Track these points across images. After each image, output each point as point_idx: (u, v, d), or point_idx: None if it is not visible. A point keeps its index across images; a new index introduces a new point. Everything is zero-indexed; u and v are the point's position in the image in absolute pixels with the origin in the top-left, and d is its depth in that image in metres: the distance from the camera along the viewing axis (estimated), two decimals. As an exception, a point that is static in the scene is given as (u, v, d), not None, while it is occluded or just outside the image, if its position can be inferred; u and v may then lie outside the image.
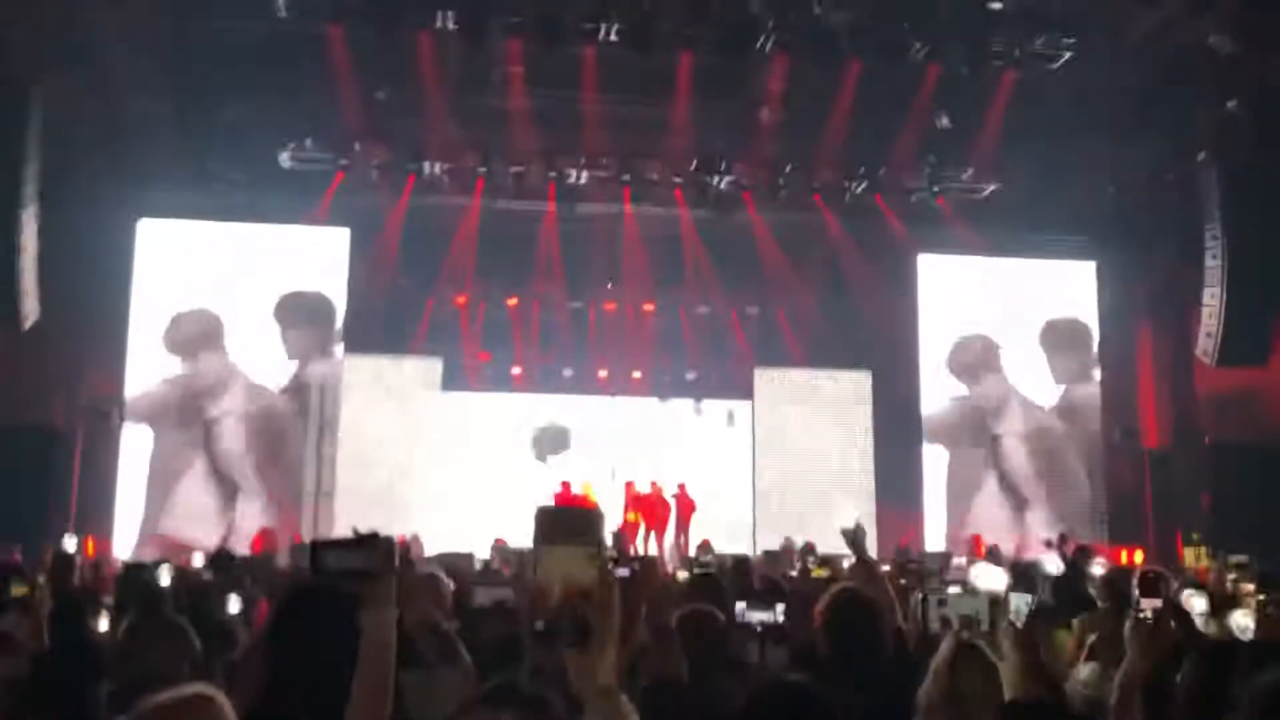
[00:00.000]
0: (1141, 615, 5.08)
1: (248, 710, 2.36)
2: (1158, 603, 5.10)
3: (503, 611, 3.81)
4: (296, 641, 2.43)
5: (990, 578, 5.52)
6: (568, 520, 1.54)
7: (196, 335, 16.26)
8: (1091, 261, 17.99)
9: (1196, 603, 5.20)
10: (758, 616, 4.29)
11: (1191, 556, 15.56)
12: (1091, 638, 4.61)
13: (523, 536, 15.13)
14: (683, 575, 7.38)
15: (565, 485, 16.96)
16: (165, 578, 7.69)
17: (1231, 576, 8.28)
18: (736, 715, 2.25)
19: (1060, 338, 18.01)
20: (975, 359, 17.89)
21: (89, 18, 12.96)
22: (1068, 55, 14.56)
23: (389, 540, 2.14)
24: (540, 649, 1.51)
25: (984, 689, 2.87)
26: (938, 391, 17.79)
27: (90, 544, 14.14)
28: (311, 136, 15.71)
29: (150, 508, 15.71)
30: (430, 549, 14.19)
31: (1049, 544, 14.20)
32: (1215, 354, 14.95)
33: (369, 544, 2.10)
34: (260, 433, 16.24)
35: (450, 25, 13.59)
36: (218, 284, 16.34)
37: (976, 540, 16.29)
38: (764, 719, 2.24)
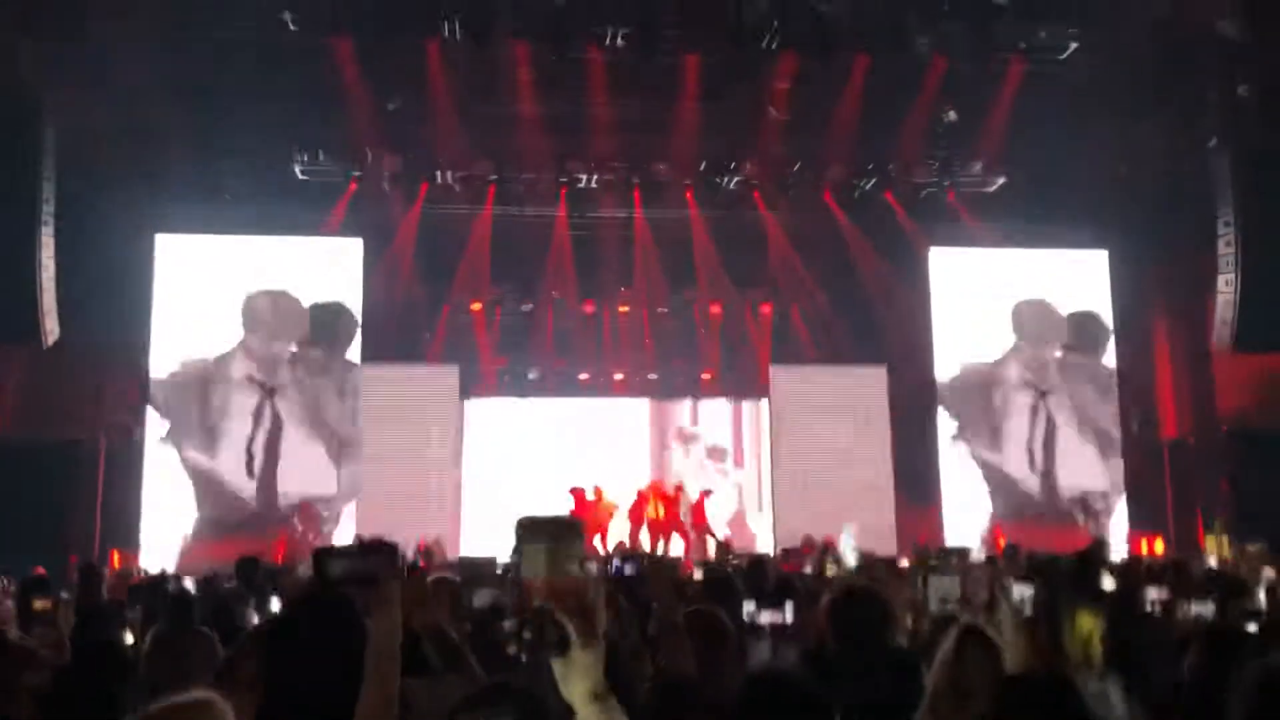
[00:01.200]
0: (1150, 607, 5.09)
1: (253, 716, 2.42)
2: (1165, 594, 5.12)
3: (499, 613, 3.84)
4: (301, 649, 2.47)
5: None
6: (547, 526, 1.56)
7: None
8: (1104, 250, 17.91)
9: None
10: (767, 617, 4.27)
11: (1212, 544, 15.51)
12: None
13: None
14: (699, 575, 7.41)
15: (578, 493, 16.99)
16: (190, 588, 7.81)
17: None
18: (730, 706, 2.29)
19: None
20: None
21: (100, 34, 13.08)
22: (1075, 45, 14.52)
23: (393, 547, 2.19)
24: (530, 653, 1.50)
25: (990, 672, 2.89)
26: (955, 383, 17.71)
27: (116, 557, 14.34)
28: (323, 148, 15.84)
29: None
30: (452, 553, 14.32)
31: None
32: (1231, 340, 14.90)
33: (373, 551, 2.15)
34: (279, 439, 16.35)
35: (457, 34, 13.67)
36: (235, 298, 16.45)
37: (996, 533, 16.26)
38: (755, 709, 2.28)
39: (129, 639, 6.30)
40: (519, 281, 18.00)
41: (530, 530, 1.55)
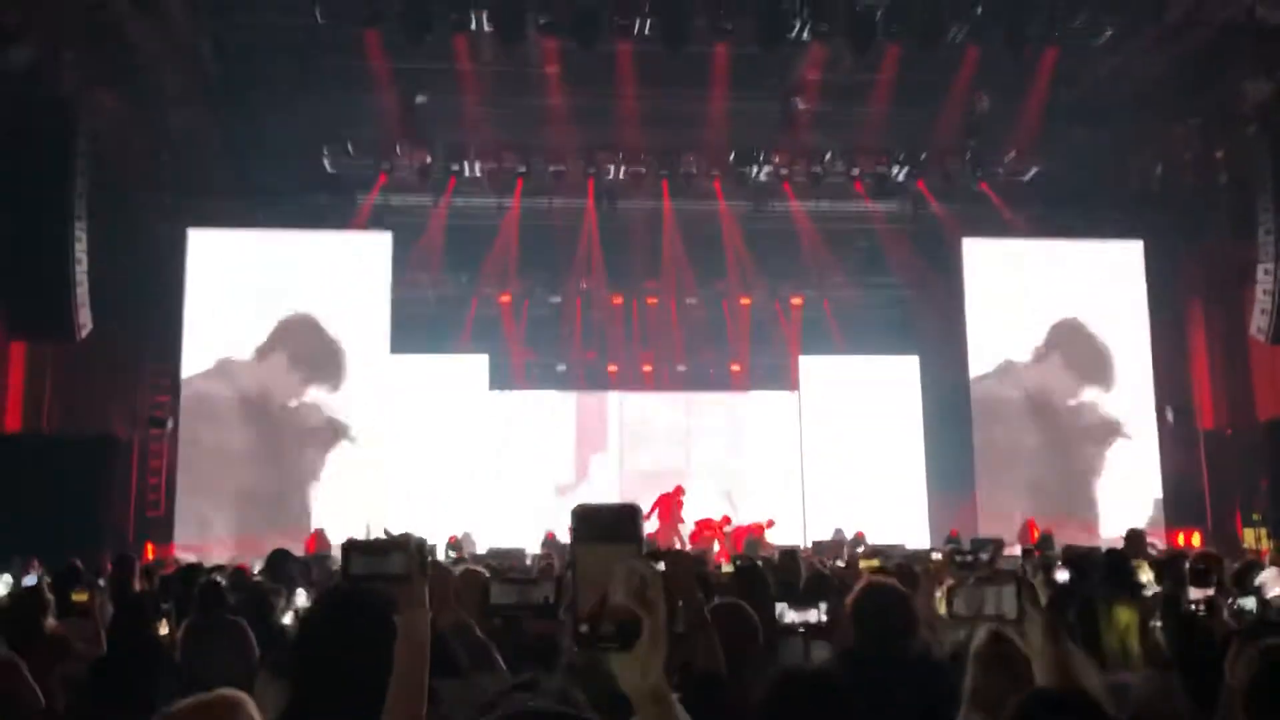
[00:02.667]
0: (1194, 605, 4.99)
1: (279, 714, 2.41)
2: (1209, 591, 5.01)
3: (526, 611, 3.77)
4: (329, 645, 2.46)
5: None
6: (605, 519, 1.51)
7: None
8: (1139, 241, 17.66)
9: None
10: (798, 616, 4.20)
11: (1252, 537, 15.31)
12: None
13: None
14: (728, 569, 7.38)
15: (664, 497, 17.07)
16: (222, 579, 7.85)
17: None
18: (758, 706, 2.25)
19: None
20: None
21: (130, 31, 13.17)
22: (1110, 32, 14.32)
23: (420, 541, 2.16)
24: (582, 651, 1.46)
25: (1015, 682, 2.85)
26: (989, 374, 17.52)
27: (150, 549, 14.50)
28: (352, 141, 15.89)
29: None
30: (481, 546, 14.38)
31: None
32: (1271, 331, 14.66)
33: (398, 546, 2.12)
34: (311, 433, 16.44)
35: (485, 26, 13.66)
36: (266, 291, 16.53)
37: (1030, 526, 16.12)
38: (782, 708, 2.25)
39: (164, 629, 6.36)
40: (547, 273, 18.04)
41: (586, 521, 1.51)
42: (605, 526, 1.51)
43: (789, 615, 4.14)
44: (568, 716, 1.12)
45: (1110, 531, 15.37)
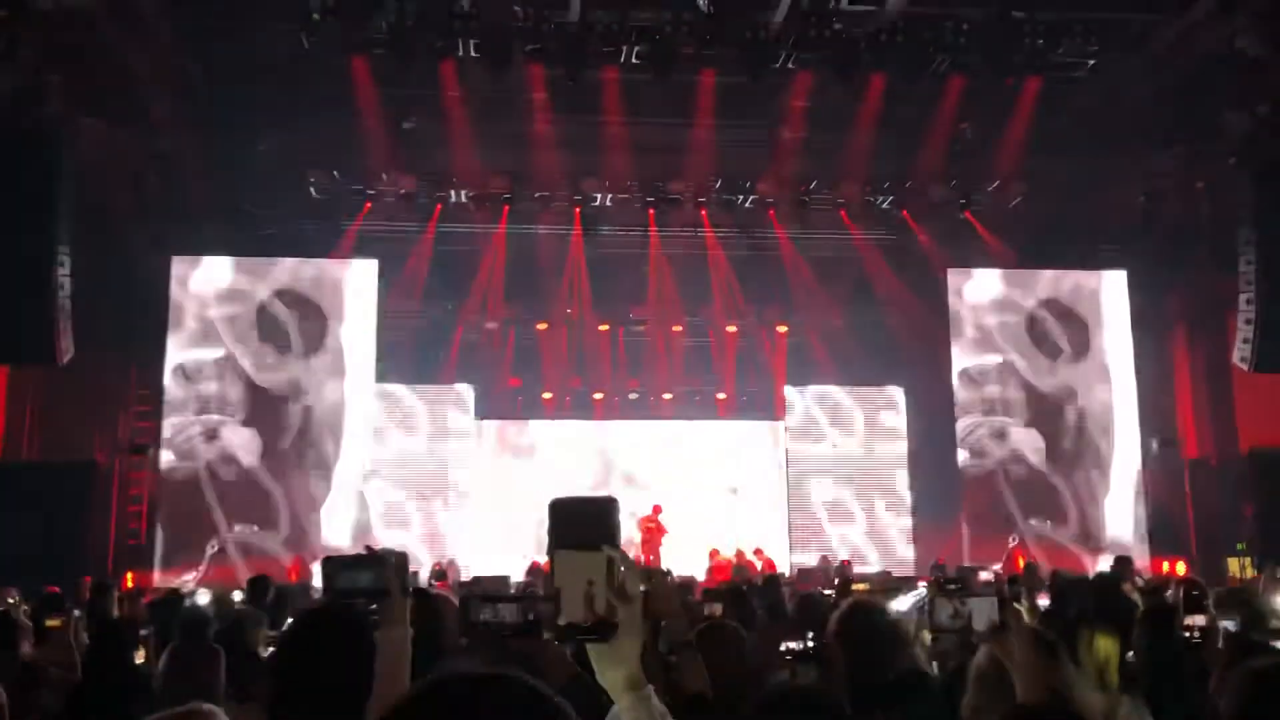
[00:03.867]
0: (1187, 633, 4.97)
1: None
2: (1201, 619, 5.00)
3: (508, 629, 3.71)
4: (307, 662, 2.42)
5: None
6: (583, 513, 1.51)
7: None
8: (1122, 271, 17.75)
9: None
10: (786, 644, 4.17)
11: (1236, 566, 15.33)
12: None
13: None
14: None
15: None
16: (203, 605, 7.78)
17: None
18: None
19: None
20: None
21: (117, 56, 13.16)
22: (1092, 63, 14.46)
23: (402, 557, 2.14)
24: (562, 642, 1.47)
25: (1000, 700, 2.83)
26: (974, 403, 17.53)
27: (129, 577, 14.34)
28: (338, 168, 15.89)
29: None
30: (466, 574, 14.28)
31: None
32: (1253, 360, 14.73)
33: (379, 562, 2.10)
34: (296, 460, 16.32)
35: (472, 53, 13.71)
36: (249, 320, 16.43)
37: (1016, 555, 16.11)
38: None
39: (140, 657, 6.28)
40: (533, 301, 18.03)
41: (564, 515, 1.50)
42: (583, 519, 1.51)
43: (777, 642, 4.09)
44: (502, 678, 1.09)
45: (1097, 560, 15.37)
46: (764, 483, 18.71)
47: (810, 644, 4.19)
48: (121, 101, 14.02)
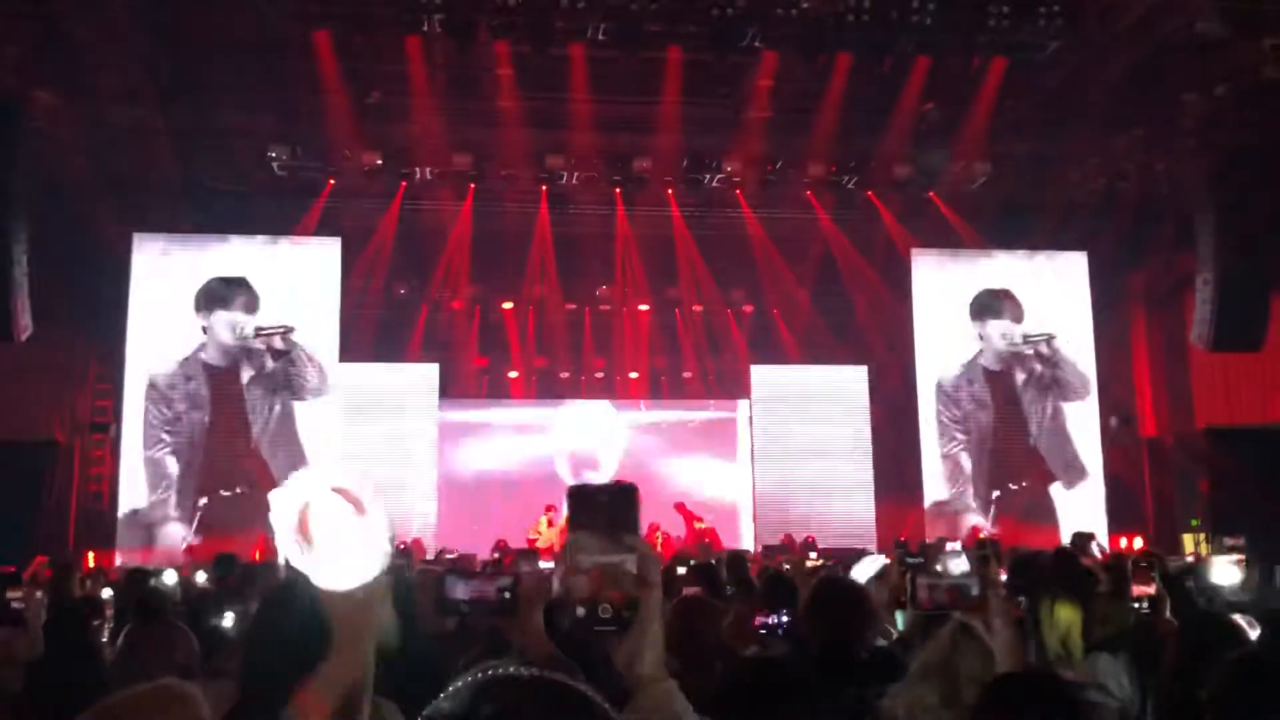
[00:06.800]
0: (1136, 603, 5.09)
1: (228, 709, 2.36)
2: (1150, 589, 5.13)
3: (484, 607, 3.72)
4: (275, 638, 2.41)
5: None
6: (601, 501, 1.49)
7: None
8: (1083, 252, 17.94)
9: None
10: (761, 619, 4.21)
11: (1191, 542, 15.62)
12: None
13: (523, 539, 15.20)
14: (680, 570, 7.36)
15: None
16: (170, 584, 7.73)
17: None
18: (715, 695, 2.24)
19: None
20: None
21: (75, 29, 12.94)
22: (1055, 44, 14.56)
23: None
24: (580, 634, 1.45)
25: (981, 670, 2.87)
26: (937, 384, 17.68)
27: (90, 556, 14.20)
28: (301, 145, 15.70)
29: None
30: (430, 553, 14.25)
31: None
32: (1209, 340, 14.97)
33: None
34: (258, 438, 16.20)
35: (437, 29, 13.59)
36: (209, 296, 16.26)
37: (975, 533, 16.29)
38: (741, 696, 2.23)
39: (104, 636, 6.24)
40: (499, 280, 17.95)
41: (582, 503, 1.48)
42: (601, 508, 1.49)
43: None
44: (559, 683, 1.10)
45: (1056, 538, 15.57)
46: (729, 461, 18.79)
47: (785, 619, 4.24)
48: (80, 76, 13.79)
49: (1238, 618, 4.06)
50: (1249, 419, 15.99)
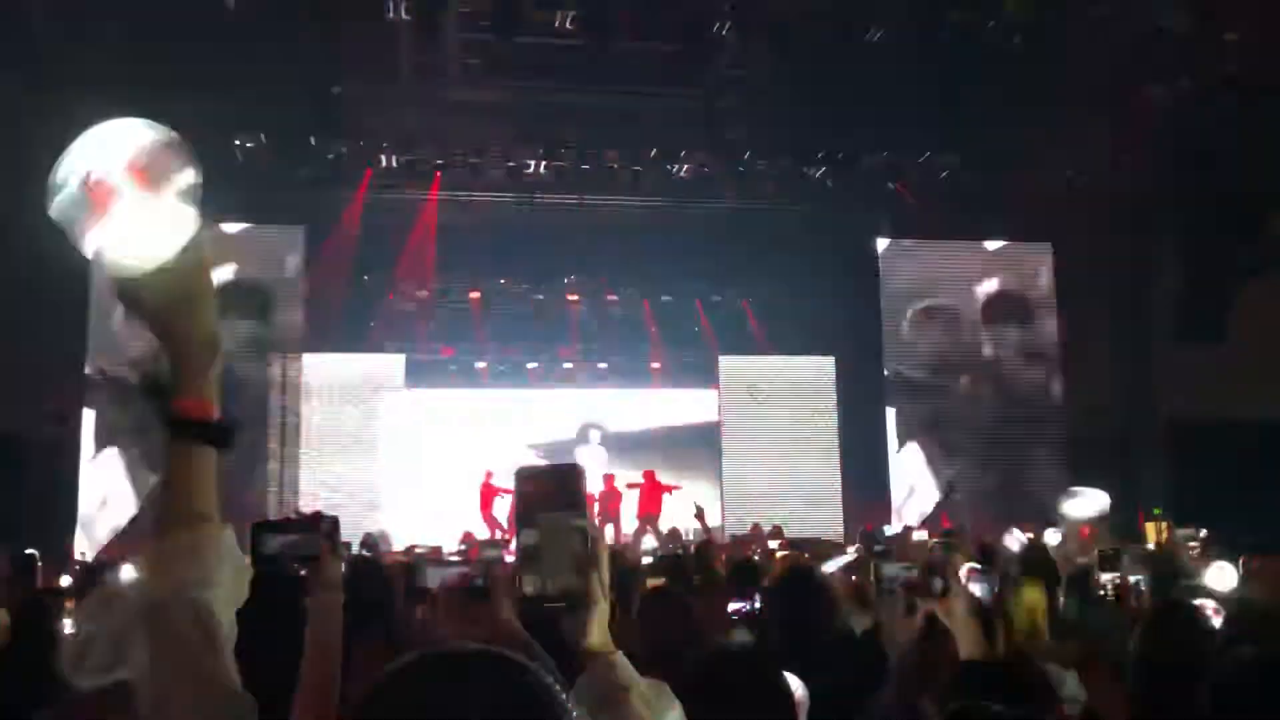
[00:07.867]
0: (1103, 590, 5.16)
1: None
2: (1115, 576, 5.20)
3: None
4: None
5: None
6: (548, 484, 1.50)
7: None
8: (1047, 243, 18.08)
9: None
10: (731, 606, 4.24)
11: (1153, 531, 15.76)
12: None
13: (489, 530, 15.12)
14: (647, 561, 7.37)
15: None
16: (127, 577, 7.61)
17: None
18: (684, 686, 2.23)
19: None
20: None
21: (29, 12, 12.71)
22: (1022, 35, 14.62)
23: (332, 520, 2.09)
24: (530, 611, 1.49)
25: (948, 658, 2.88)
26: (903, 375, 17.76)
27: (56, 549, 13.99)
28: (265, 132, 15.51)
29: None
30: (397, 544, 14.16)
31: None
32: (1172, 332, 15.13)
33: (309, 525, 2.05)
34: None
35: (404, 16, 13.47)
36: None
37: (943, 521, 16.38)
38: (709, 686, 2.22)
39: (68, 629, 6.14)
40: (466, 269, 17.84)
41: (529, 483, 1.49)
42: (549, 488, 1.50)
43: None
44: (490, 654, 1.11)
45: (1023, 526, 15.67)
46: (697, 451, 18.79)
47: (754, 607, 4.26)
48: (38, 62, 13.54)
49: (1201, 602, 4.12)
50: (1212, 411, 16.15)
